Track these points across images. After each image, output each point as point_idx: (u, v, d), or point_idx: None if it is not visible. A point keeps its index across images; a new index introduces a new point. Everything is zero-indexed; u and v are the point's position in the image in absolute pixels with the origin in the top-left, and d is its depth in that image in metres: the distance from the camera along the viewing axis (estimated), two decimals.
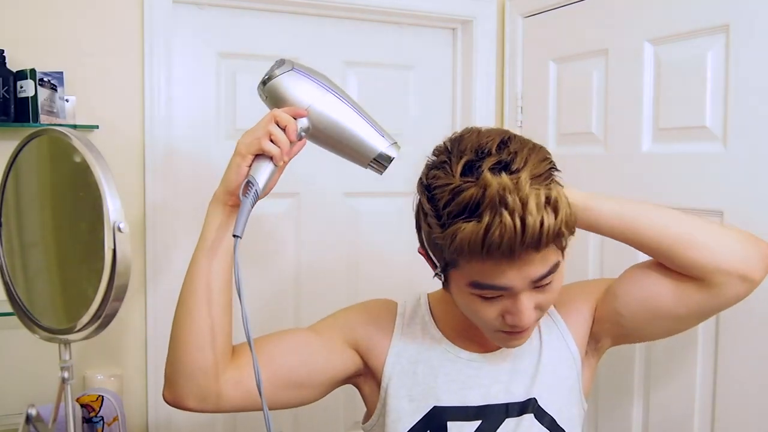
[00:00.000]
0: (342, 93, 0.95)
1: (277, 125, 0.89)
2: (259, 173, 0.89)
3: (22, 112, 1.44)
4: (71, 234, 1.11)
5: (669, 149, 1.47)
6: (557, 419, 0.99)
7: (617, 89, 1.60)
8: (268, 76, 0.93)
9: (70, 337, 1.07)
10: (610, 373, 1.57)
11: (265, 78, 0.93)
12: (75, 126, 1.49)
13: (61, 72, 1.49)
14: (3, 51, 1.43)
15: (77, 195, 1.06)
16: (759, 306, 1.17)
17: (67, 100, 1.52)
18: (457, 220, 0.82)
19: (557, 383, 1.02)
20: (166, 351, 0.96)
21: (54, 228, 1.15)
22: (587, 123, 1.70)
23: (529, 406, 0.99)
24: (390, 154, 0.94)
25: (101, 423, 1.46)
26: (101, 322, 1.02)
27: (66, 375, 1.11)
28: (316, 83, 0.93)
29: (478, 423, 0.97)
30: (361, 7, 1.84)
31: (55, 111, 1.48)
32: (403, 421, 0.99)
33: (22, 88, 1.44)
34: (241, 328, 0.86)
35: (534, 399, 0.99)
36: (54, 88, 1.47)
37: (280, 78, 0.92)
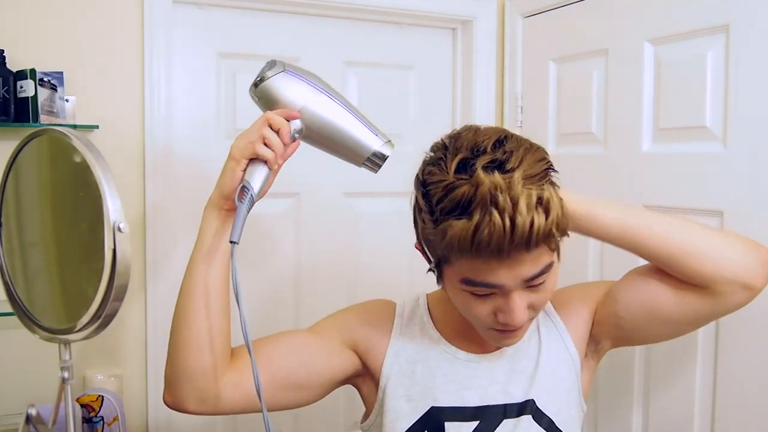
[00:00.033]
0: (334, 93, 0.94)
1: (271, 128, 0.88)
2: (254, 178, 0.88)
3: (22, 112, 1.44)
4: (71, 234, 1.11)
5: (669, 149, 1.47)
6: (555, 421, 0.99)
7: (617, 89, 1.60)
8: (259, 78, 0.92)
9: (70, 337, 1.07)
10: (610, 376, 1.57)
11: (257, 80, 0.92)
12: (75, 126, 1.49)
13: (61, 72, 1.49)
14: (3, 51, 1.43)
15: (77, 195, 1.06)
16: (759, 308, 1.17)
17: (67, 100, 1.52)
18: (449, 217, 0.82)
19: (556, 384, 1.01)
20: (166, 351, 0.96)
21: (54, 228, 1.15)
22: (587, 123, 1.69)
23: (527, 407, 0.98)
24: (384, 152, 0.93)
25: (101, 423, 1.46)
26: (101, 322, 1.02)
27: (66, 375, 1.11)
28: (308, 84, 0.92)
29: (475, 423, 0.97)
30: (361, 7, 1.84)
31: (55, 111, 1.48)
32: (401, 422, 0.99)
33: (22, 88, 1.44)
34: (239, 337, 0.86)
35: (532, 400, 0.99)
36: (54, 88, 1.47)
37: (272, 80, 0.91)
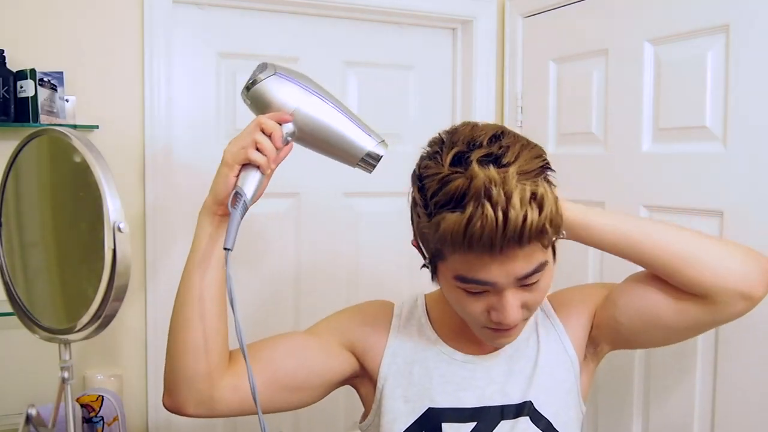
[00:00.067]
0: (326, 94, 0.94)
1: (263, 132, 0.88)
2: (247, 183, 0.88)
3: (22, 112, 1.44)
4: (71, 234, 1.11)
5: (669, 149, 1.47)
6: (553, 422, 0.98)
7: (617, 89, 1.60)
8: (251, 81, 0.92)
9: (70, 337, 1.07)
10: (610, 378, 1.57)
11: (249, 83, 0.92)
12: (75, 126, 1.49)
13: (61, 72, 1.49)
14: (3, 51, 1.43)
15: (77, 195, 1.06)
16: (759, 315, 1.17)
17: (67, 100, 1.52)
18: (443, 210, 0.82)
19: (554, 386, 1.01)
20: (165, 352, 0.96)
21: (54, 228, 1.15)
22: (587, 123, 1.69)
23: (525, 408, 0.98)
24: (378, 152, 0.93)
25: (101, 423, 1.46)
26: (101, 322, 1.02)
27: (66, 375, 1.11)
28: (299, 86, 0.92)
29: (473, 425, 0.97)
30: (361, 7, 1.84)
31: (55, 111, 1.48)
32: (398, 422, 0.99)
33: (22, 88, 1.44)
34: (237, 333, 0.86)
35: (530, 402, 0.98)
36: (54, 88, 1.47)
37: (263, 83, 0.91)
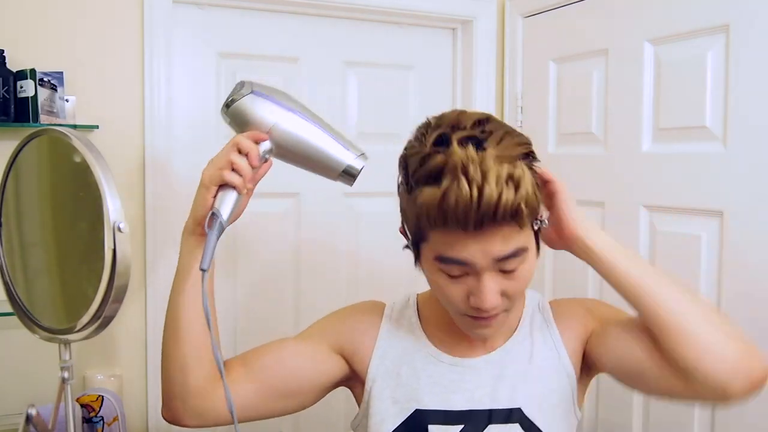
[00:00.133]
0: (304, 110, 0.95)
1: (239, 152, 0.89)
2: (224, 204, 0.89)
3: (22, 112, 1.44)
4: (71, 234, 1.11)
5: (669, 149, 1.47)
6: (544, 431, 0.97)
7: (617, 89, 1.60)
8: (230, 99, 0.93)
9: (70, 337, 1.07)
10: (610, 380, 1.56)
11: (228, 101, 0.94)
12: (75, 126, 1.49)
13: (61, 72, 1.49)
14: (3, 51, 1.43)
15: (77, 195, 1.06)
16: (759, 313, 1.17)
17: (67, 100, 1.52)
18: (421, 185, 0.83)
19: (546, 393, 0.99)
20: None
21: (54, 228, 1.15)
22: (587, 123, 1.69)
23: (515, 415, 0.97)
24: (356, 166, 0.95)
25: (101, 423, 1.46)
26: (101, 322, 1.02)
27: (66, 375, 1.11)
28: (276, 104, 0.93)
29: (460, 427, 0.96)
30: (361, 7, 1.84)
31: (55, 111, 1.48)
32: (386, 423, 0.98)
33: (22, 88, 1.44)
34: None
35: (519, 409, 0.97)
36: (54, 88, 1.47)
37: (241, 101, 0.92)
